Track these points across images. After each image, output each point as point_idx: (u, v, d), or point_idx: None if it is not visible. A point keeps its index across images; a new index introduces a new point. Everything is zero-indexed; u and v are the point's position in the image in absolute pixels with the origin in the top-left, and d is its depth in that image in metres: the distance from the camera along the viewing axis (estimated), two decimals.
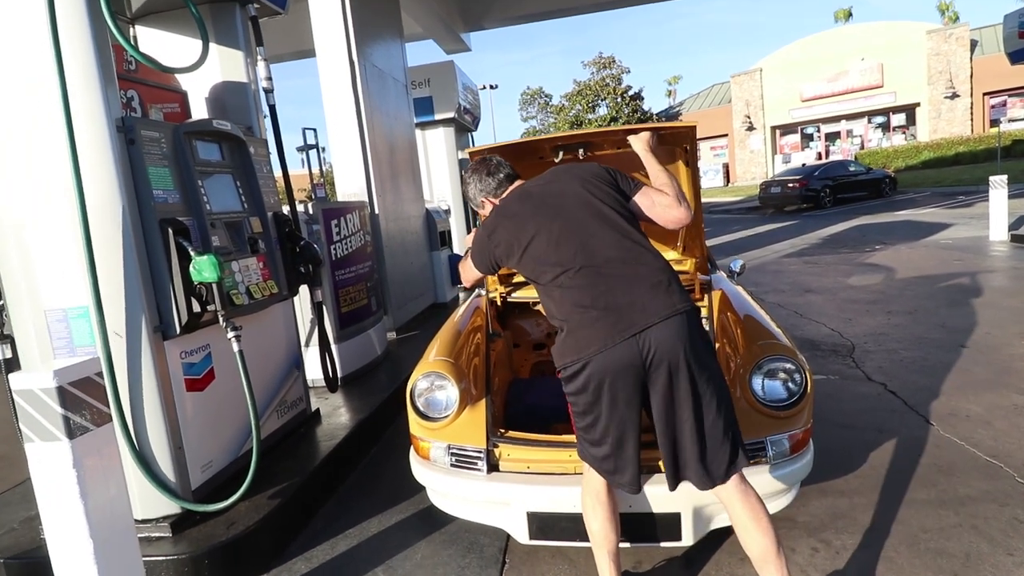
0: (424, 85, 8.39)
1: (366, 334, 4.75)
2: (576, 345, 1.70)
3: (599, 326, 1.67)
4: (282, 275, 3.09)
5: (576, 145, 2.55)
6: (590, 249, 1.76)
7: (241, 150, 3.00)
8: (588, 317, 1.69)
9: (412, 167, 6.93)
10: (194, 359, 2.56)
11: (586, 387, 1.70)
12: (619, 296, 1.69)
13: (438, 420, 2.29)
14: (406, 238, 6.39)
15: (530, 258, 1.83)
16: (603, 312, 1.68)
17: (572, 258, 1.76)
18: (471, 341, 2.67)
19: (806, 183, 17.08)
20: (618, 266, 1.73)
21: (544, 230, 1.83)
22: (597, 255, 1.75)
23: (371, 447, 3.60)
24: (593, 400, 1.71)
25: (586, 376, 1.69)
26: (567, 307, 1.74)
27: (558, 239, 1.80)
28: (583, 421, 1.79)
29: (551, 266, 1.79)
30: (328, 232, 4.39)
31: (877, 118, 28.48)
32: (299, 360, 3.46)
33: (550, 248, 1.80)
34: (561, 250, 1.78)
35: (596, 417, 1.73)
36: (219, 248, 2.61)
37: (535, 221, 1.85)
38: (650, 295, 1.67)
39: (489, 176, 2.12)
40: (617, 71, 33.48)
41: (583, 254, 1.76)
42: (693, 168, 2.69)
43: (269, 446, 3.07)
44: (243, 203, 2.94)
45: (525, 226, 1.86)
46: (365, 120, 5.58)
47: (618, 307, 1.68)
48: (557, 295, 1.77)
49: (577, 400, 1.76)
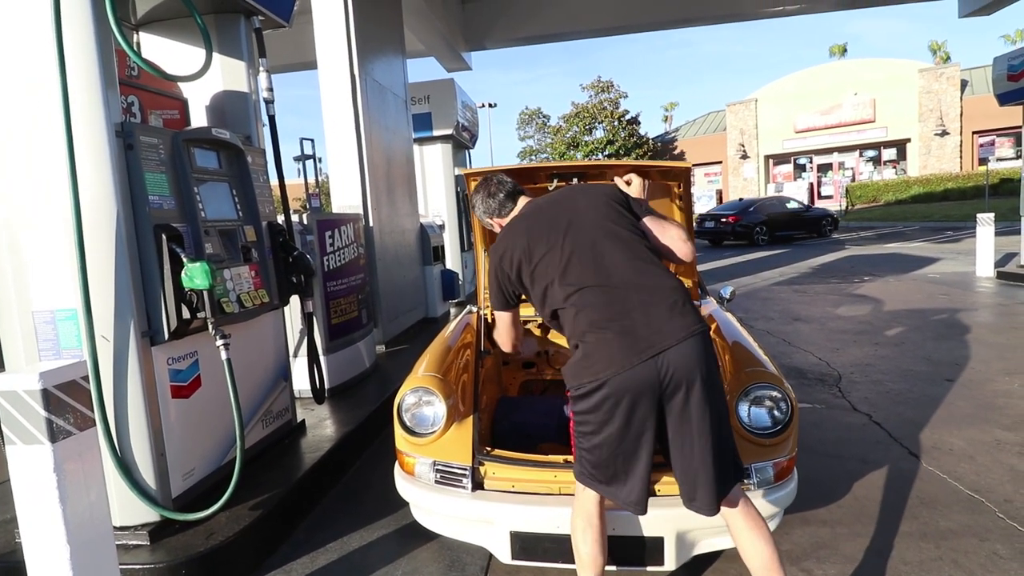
0: (424, 101, 8.47)
1: (355, 346, 4.73)
2: (593, 366, 1.68)
3: (617, 346, 1.66)
4: (274, 285, 3.08)
5: (571, 174, 2.59)
6: (604, 268, 1.75)
7: (239, 159, 3.01)
8: (605, 337, 1.68)
9: (408, 181, 6.96)
10: (181, 366, 2.55)
11: (600, 406, 1.68)
12: (636, 316, 1.68)
13: (424, 436, 2.28)
14: (400, 251, 6.39)
15: (541, 276, 1.82)
16: (620, 333, 1.67)
17: (586, 276, 1.75)
18: (461, 357, 2.68)
19: (739, 219, 16.80)
20: (633, 286, 1.72)
21: (556, 248, 1.82)
22: (612, 274, 1.74)
23: (356, 460, 3.58)
24: (605, 420, 1.68)
25: (601, 396, 1.67)
26: (582, 326, 1.73)
27: (570, 257, 1.79)
28: (589, 441, 1.74)
29: (563, 285, 1.78)
30: (322, 243, 4.39)
31: (868, 152, 28.98)
32: (287, 370, 3.45)
33: (562, 266, 1.79)
34: (574, 269, 1.77)
35: (607, 437, 1.69)
36: (212, 255, 2.61)
37: (547, 239, 1.84)
38: (667, 316, 1.68)
39: (490, 198, 2.12)
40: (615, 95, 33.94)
41: (598, 273, 1.75)
42: (687, 207, 2.74)
43: (253, 456, 3.04)
44: (238, 211, 2.94)
45: (535, 243, 1.85)
46: (364, 133, 5.62)
47: (635, 328, 1.67)
48: (571, 315, 1.76)
49: (587, 419, 1.72)
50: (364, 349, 4.89)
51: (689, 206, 2.79)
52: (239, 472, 2.43)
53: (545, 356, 3.54)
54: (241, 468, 2.44)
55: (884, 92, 27.19)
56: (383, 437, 3.82)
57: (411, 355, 3.51)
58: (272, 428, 3.28)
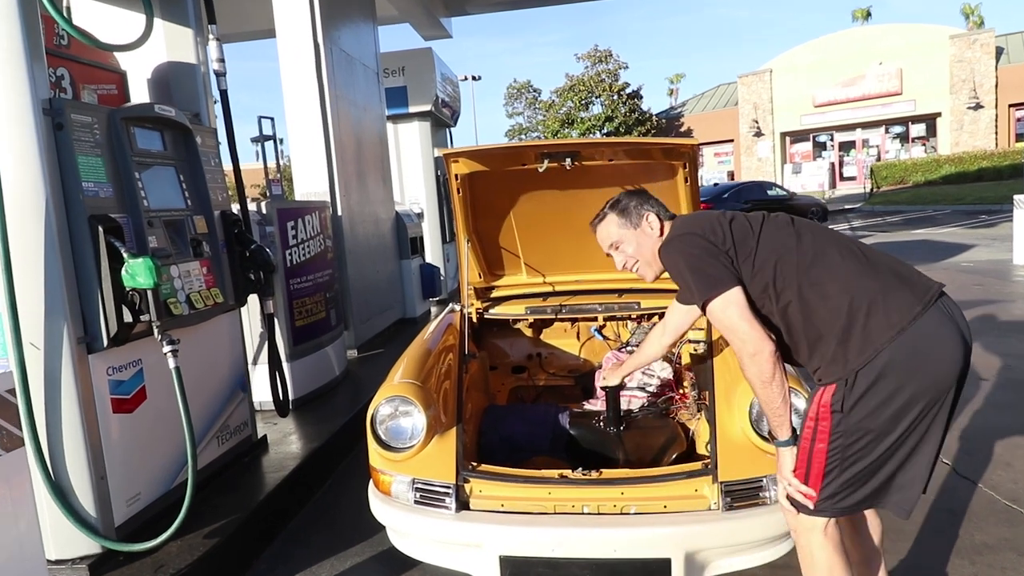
0: (398, 74, 8.43)
1: (323, 351, 4.72)
2: (866, 337, 1.61)
3: (904, 297, 1.64)
4: (228, 282, 3.07)
5: (564, 154, 2.59)
6: (834, 241, 1.77)
7: (186, 140, 2.98)
8: (878, 302, 1.63)
9: (382, 165, 6.93)
10: (123, 376, 2.52)
11: (891, 389, 1.60)
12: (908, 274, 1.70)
13: (402, 450, 2.28)
14: (372, 244, 6.37)
15: (767, 241, 1.77)
16: (900, 287, 1.66)
17: (821, 242, 1.75)
18: (442, 362, 2.67)
19: (711, 205, 16.55)
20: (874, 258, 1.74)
21: (769, 221, 1.83)
22: (846, 243, 1.76)
23: (325, 480, 3.57)
24: (902, 408, 1.60)
25: (888, 370, 1.59)
26: (837, 299, 1.66)
27: (788, 231, 1.79)
28: (869, 456, 1.64)
29: (798, 254, 1.73)
30: (283, 235, 4.36)
31: (895, 128, 29.28)
32: (245, 380, 3.43)
33: (786, 235, 1.78)
34: (804, 237, 1.76)
35: (899, 436, 1.62)
36: (157, 250, 2.58)
37: (753, 217, 1.86)
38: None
39: (649, 199, 2.13)
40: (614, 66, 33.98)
41: (832, 240, 1.76)
42: (693, 186, 2.75)
43: (207, 477, 3.02)
44: (186, 199, 2.92)
45: (749, 219, 1.85)
46: (330, 110, 5.59)
47: (913, 284, 1.67)
48: (814, 296, 1.69)
49: (872, 420, 1.61)
50: (333, 354, 4.88)
51: (696, 190, 2.80)
52: (191, 496, 2.41)
53: (537, 359, 3.55)
54: (193, 491, 2.42)
55: (912, 61, 27.46)
56: (355, 453, 3.81)
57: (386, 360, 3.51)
58: (229, 445, 3.26)
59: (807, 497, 1.71)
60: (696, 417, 2.65)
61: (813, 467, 1.69)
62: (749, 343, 1.67)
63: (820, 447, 1.67)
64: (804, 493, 1.71)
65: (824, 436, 1.66)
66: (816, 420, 1.68)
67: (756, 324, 1.68)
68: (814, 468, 1.69)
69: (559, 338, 3.55)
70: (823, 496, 1.69)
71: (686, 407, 2.77)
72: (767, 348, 1.66)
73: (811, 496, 1.70)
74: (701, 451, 2.47)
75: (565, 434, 2.66)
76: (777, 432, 1.76)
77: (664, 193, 2.86)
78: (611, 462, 2.46)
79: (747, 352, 1.68)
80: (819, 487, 1.69)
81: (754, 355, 1.67)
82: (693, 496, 2.09)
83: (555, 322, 3.45)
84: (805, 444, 1.70)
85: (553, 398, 3.22)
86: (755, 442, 2.14)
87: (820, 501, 1.69)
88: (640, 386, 2.95)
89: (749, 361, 1.68)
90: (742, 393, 2.22)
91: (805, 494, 1.71)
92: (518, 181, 2.90)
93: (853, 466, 1.66)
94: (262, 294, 3.47)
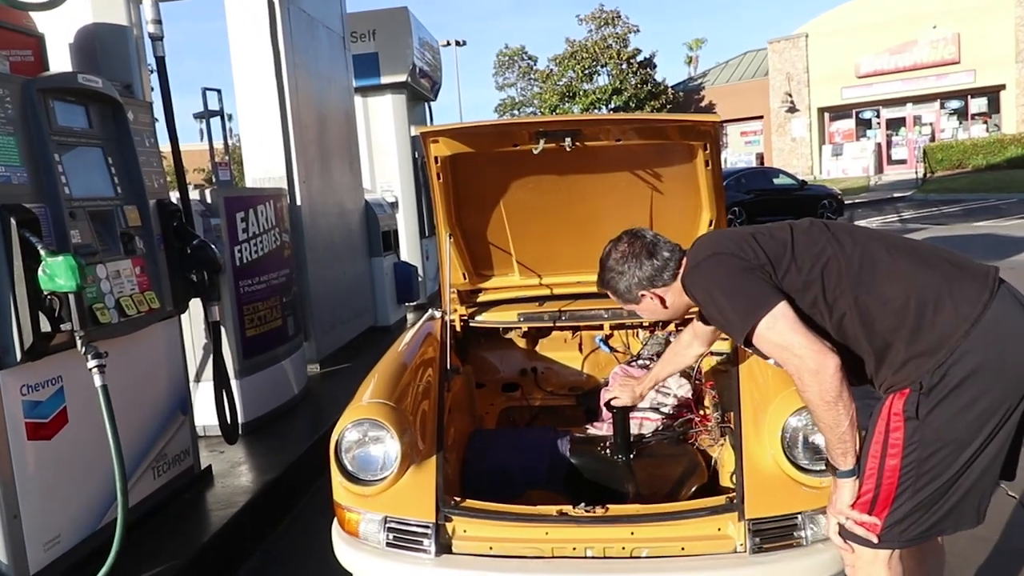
0: (368, 38, 8.42)
1: (279, 366, 4.71)
2: (938, 334, 1.64)
3: (969, 285, 1.68)
4: (166, 285, 3.06)
5: (563, 133, 2.59)
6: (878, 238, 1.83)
7: (116, 116, 2.98)
8: (943, 295, 1.67)
9: (349, 145, 6.92)
10: (40, 396, 2.51)
11: (973, 391, 1.61)
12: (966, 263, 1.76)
13: (372, 483, 2.27)
14: (337, 239, 6.36)
15: (804, 251, 1.81)
16: (961, 276, 1.71)
17: (864, 242, 1.80)
18: (420, 379, 2.67)
19: None
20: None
21: (798, 228, 1.88)
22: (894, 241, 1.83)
23: (281, 519, 3.56)
24: (984, 412, 1.61)
25: (968, 369, 1.61)
26: (899, 300, 1.69)
27: (824, 236, 1.83)
28: (946, 472, 1.65)
29: (843, 260, 1.77)
30: (231, 228, 4.35)
31: (952, 102, 29.48)
32: (186, 400, 3.42)
33: (824, 240, 1.81)
34: (844, 240, 1.80)
35: (979, 446, 1.63)
36: (80, 246, 2.58)
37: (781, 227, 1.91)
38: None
39: (651, 258, 2.07)
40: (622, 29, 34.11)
41: (875, 238, 1.82)
42: (715, 171, 2.76)
43: (141, 516, 3.01)
44: (116, 187, 2.91)
45: (772, 231, 1.89)
46: (287, 81, 5.57)
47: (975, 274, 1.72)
48: (872, 302, 1.72)
49: (951, 427, 1.63)
50: (291, 369, 4.87)
51: (719, 176, 2.81)
52: (120, 538, 2.39)
53: (532, 375, 3.55)
54: (123, 533, 2.40)
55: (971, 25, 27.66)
56: (318, 486, 3.79)
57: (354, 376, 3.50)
58: (167, 478, 3.25)
59: (869, 529, 1.71)
60: (719, 443, 2.65)
61: (883, 489, 1.69)
62: (809, 358, 1.65)
63: (892, 463, 1.67)
64: (867, 524, 1.71)
65: (897, 449, 1.66)
66: (886, 431, 1.68)
67: (812, 336, 1.67)
68: (883, 490, 1.69)
69: (558, 350, 3.55)
70: (890, 523, 1.69)
71: (707, 431, 2.78)
72: (831, 362, 1.64)
73: (875, 527, 1.70)
74: (725, 483, 2.48)
75: (565, 463, 2.66)
76: (839, 461, 1.75)
77: (681, 180, 2.88)
78: (619, 496, 2.46)
79: (808, 370, 1.65)
80: (886, 514, 1.69)
81: (817, 372, 1.64)
82: (716, 536, 2.09)
83: (553, 331, 3.45)
84: (873, 463, 1.70)
85: (551, 421, 3.21)
86: (789, 472, 2.14)
87: (886, 530, 1.69)
88: (653, 406, 2.95)
89: (811, 379, 1.66)
90: (773, 415, 2.23)
91: (868, 525, 1.71)
92: (509, 165, 2.90)
93: (928, 485, 1.66)
94: (206, 298, 3.45)
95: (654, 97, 33.23)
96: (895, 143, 30.43)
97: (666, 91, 33.85)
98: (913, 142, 29.47)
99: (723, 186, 2.90)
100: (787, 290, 1.76)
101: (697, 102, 33.97)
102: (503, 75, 37.89)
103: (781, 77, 31.28)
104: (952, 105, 29.57)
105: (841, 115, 31.25)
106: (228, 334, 4.22)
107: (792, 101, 31.09)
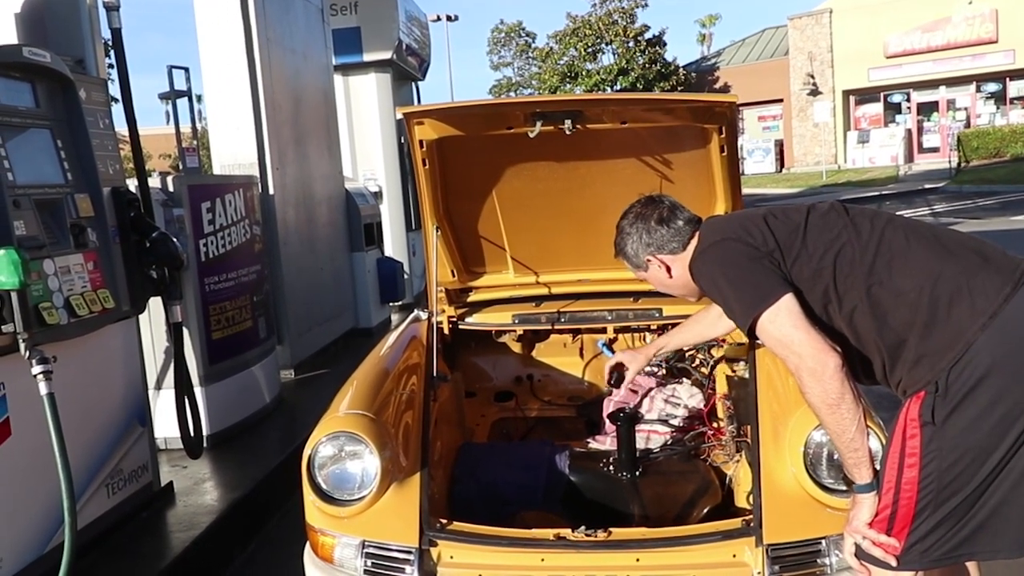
0: (349, 11, 8.43)
1: (248, 372, 4.71)
2: (952, 330, 1.65)
3: (991, 278, 1.68)
4: (123, 282, 3.06)
5: (562, 114, 2.58)
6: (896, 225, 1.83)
7: (66, 94, 2.97)
8: (962, 287, 1.68)
9: (327, 129, 6.93)
10: None
11: (991, 393, 1.61)
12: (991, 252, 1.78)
13: (349, 503, 2.27)
14: (315, 232, 6.37)
15: (817, 237, 1.83)
16: (985, 268, 1.71)
17: (883, 228, 1.80)
18: (403, 387, 2.68)
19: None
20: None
21: (816, 211, 1.90)
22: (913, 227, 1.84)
23: (248, 542, 3.56)
24: (1006, 415, 1.60)
25: (984, 368, 1.61)
26: (913, 292, 1.71)
27: (841, 220, 1.85)
28: (970, 483, 1.64)
29: (858, 246, 1.78)
30: (196, 220, 4.34)
31: (989, 85, 29.61)
32: (144, 410, 3.42)
33: (840, 225, 1.83)
34: (861, 225, 1.82)
35: (1005, 454, 1.63)
36: (25, 239, 2.57)
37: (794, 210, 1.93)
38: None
39: (661, 224, 2.12)
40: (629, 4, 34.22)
41: (897, 224, 1.82)
42: (730, 157, 2.76)
43: (92, 539, 3.00)
44: (66, 173, 2.91)
45: (788, 213, 1.92)
46: (259, 57, 5.57)
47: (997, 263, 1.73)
48: (885, 294, 1.73)
49: (972, 433, 1.62)
50: (262, 376, 4.87)
51: (735, 163, 2.80)
52: (68, 564, 2.39)
53: (528, 383, 3.55)
54: (72, 559, 2.40)
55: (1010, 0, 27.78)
56: (290, 506, 3.78)
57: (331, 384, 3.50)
58: (123, 496, 3.24)
59: (888, 551, 1.70)
60: (735, 459, 2.65)
61: (901, 505, 1.69)
62: (808, 356, 1.68)
63: (910, 475, 1.67)
64: (885, 546, 1.70)
65: (915, 459, 1.66)
66: (903, 439, 1.69)
67: (814, 332, 1.70)
68: (902, 507, 1.69)
69: (556, 355, 3.56)
70: (911, 542, 1.69)
71: (721, 446, 2.77)
72: (831, 361, 1.66)
73: (894, 549, 1.70)
74: (741, 504, 2.48)
75: (563, 481, 2.66)
76: (854, 473, 1.76)
77: (693, 167, 2.87)
78: (623, 518, 2.46)
79: (807, 368, 1.69)
80: (906, 533, 1.69)
81: (816, 371, 1.68)
82: (731, 564, 2.09)
83: (551, 334, 3.46)
84: (891, 476, 1.70)
85: (548, 434, 3.21)
86: (812, 492, 2.13)
87: (906, 550, 1.69)
88: (662, 418, 2.95)
89: (810, 379, 1.69)
90: (795, 428, 2.22)
91: (886, 547, 1.70)
92: (502, 150, 2.90)
93: (950, 500, 1.65)
94: (167, 297, 3.46)
95: (664, 78, 33.32)
96: (926, 129, 30.54)
97: (677, 71, 33.94)
98: (946, 128, 29.57)
99: (739, 174, 2.90)
100: (796, 279, 1.79)
101: (711, 84, 34.06)
102: (498, 53, 38.01)
103: (802, 57, 31.37)
104: (989, 88, 29.70)
105: (868, 98, 31.36)
106: (192, 337, 4.21)
107: (814, 83, 31.19)
